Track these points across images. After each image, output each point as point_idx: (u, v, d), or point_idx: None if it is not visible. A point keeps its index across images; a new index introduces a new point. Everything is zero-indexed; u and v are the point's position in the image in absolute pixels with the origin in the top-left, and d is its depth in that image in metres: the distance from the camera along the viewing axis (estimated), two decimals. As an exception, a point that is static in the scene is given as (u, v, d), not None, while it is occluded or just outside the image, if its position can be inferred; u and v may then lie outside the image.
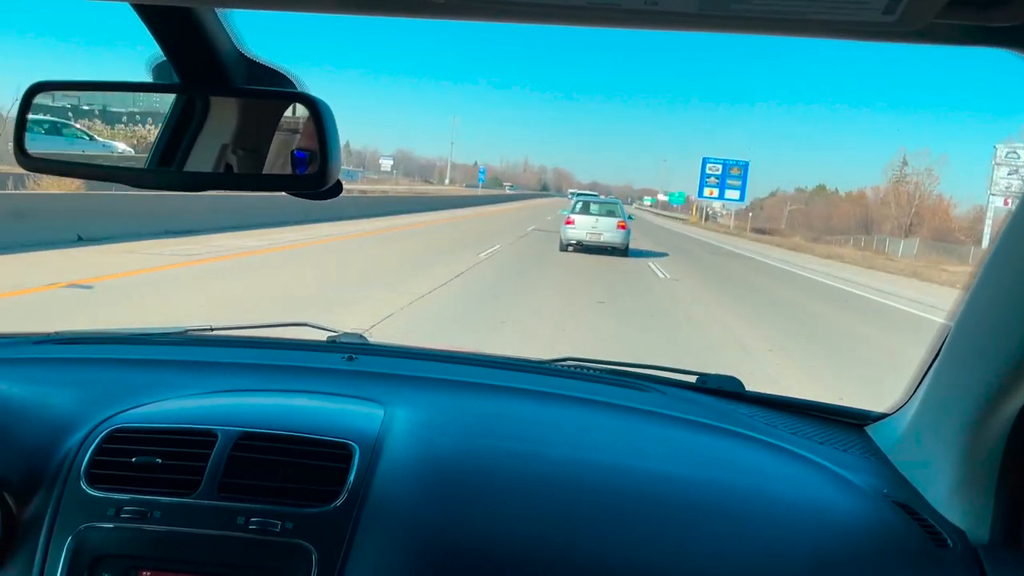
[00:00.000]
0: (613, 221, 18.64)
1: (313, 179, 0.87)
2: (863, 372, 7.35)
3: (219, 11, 0.81)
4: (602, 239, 18.31)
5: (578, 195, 27.75)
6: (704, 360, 6.95)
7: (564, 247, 18.62)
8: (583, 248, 18.31)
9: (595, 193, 58.75)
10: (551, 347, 6.79)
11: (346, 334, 1.72)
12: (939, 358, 1.12)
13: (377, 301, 8.63)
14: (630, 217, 20.76)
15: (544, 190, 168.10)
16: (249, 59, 0.87)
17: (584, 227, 18.42)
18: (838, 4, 0.55)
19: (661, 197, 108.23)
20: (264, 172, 0.92)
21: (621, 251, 18.48)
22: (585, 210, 18.96)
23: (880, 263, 30.74)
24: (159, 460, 1.07)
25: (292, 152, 0.90)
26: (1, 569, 1.01)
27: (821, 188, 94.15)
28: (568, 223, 18.68)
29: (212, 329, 1.72)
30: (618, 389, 1.49)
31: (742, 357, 7.40)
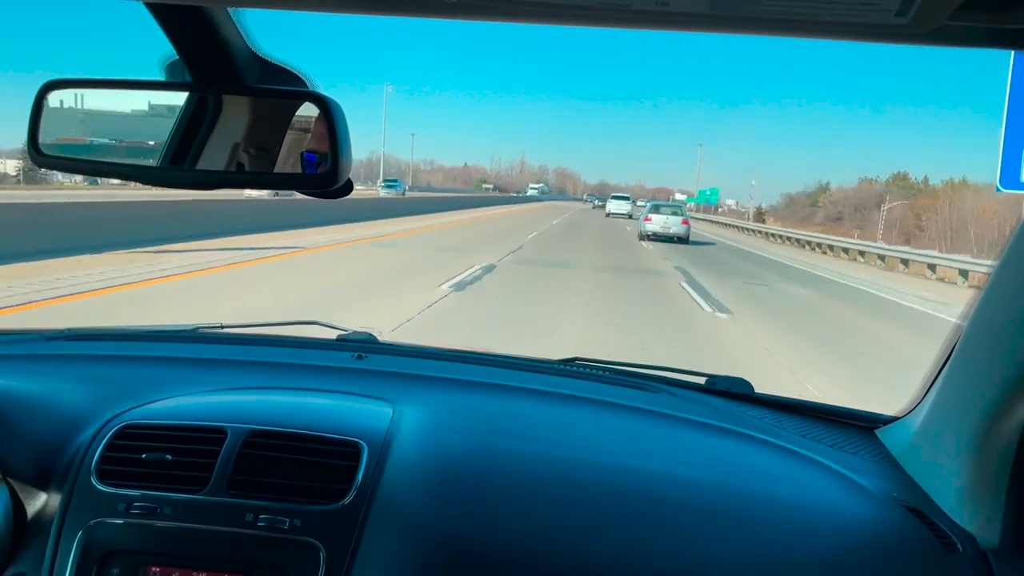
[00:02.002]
0: (679, 219, 27.00)
1: (324, 178, 0.87)
2: None
3: (231, 10, 0.81)
4: (671, 231, 26.43)
5: (614, 198, 42.26)
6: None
7: (642, 237, 26.45)
8: (657, 238, 25.78)
9: (628, 195, 61.11)
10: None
11: (356, 332, 1.73)
12: (950, 361, 1.11)
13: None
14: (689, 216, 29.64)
15: (545, 192, 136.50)
16: (261, 58, 0.87)
17: (658, 223, 26.62)
18: (850, 6, 0.54)
19: (679, 196, 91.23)
20: (276, 171, 0.93)
21: (684, 239, 26.34)
22: (657, 211, 27.66)
23: None
24: (169, 456, 1.08)
25: (301, 154, 0.90)
26: (11, 563, 1.02)
27: (901, 177, 64.62)
28: (647, 220, 27.02)
29: (223, 327, 1.73)
30: (627, 390, 1.49)
31: None
